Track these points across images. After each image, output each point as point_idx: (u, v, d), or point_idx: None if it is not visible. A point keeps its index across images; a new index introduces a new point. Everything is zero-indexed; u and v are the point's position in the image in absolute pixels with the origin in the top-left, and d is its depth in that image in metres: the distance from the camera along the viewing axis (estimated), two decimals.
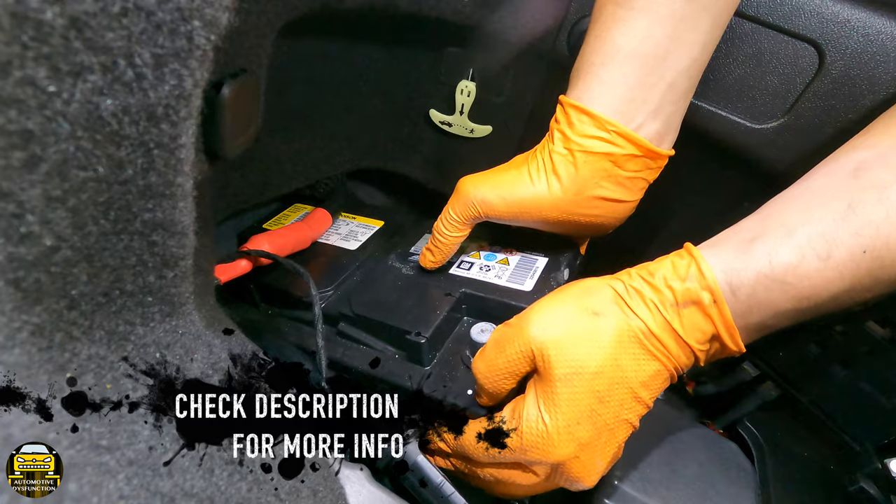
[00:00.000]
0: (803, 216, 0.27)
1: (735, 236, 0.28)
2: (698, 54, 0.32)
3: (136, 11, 0.18)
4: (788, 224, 0.27)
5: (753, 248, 0.27)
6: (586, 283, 0.30)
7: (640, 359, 0.27)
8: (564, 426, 0.27)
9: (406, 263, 0.42)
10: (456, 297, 0.36)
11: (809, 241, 0.26)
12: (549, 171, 0.34)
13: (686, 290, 0.27)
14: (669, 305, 0.27)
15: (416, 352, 0.34)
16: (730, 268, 0.27)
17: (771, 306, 0.27)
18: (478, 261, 0.40)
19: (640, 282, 0.28)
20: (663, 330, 0.27)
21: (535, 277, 0.37)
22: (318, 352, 0.33)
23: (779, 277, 0.26)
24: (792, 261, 0.26)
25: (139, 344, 0.23)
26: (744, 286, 0.27)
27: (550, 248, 0.40)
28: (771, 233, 0.27)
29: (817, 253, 0.26)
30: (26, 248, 0.18)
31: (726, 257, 0.27)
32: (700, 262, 0.27)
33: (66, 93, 0.17)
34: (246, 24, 0.25)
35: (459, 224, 0.37)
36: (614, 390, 0.27)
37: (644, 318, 0.27)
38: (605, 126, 0.32)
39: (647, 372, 0.27)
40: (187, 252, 0.24)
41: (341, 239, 0.46)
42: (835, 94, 0.37)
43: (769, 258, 0.26)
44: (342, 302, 0.39)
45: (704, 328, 0.27)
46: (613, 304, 0.28)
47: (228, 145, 0.25)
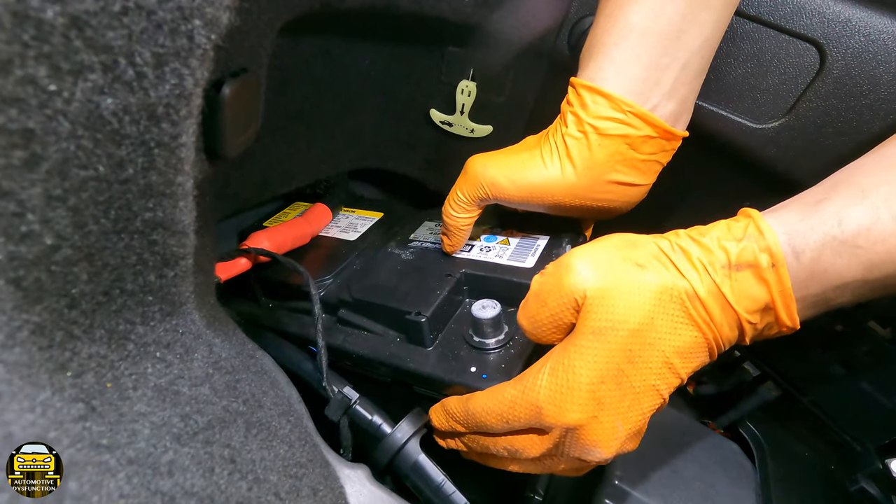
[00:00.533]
0: (878, 177, 0.24)
1: (799, 201, 0.26)
2: (711, 33, 0.31)
3: (137, 10, 0.18)
4: (861, 184, 0.24)
5: (821, 209, 0.24)
6: (629, 236, 0.27)
7: (680, 324, 0.25)
8: (587, 382, 0.25)
9: (405, 250, 0.41)
10: (456, 277, 0.36)
11: (886, 200, 0.23)
12: (562, 155, 0.33)
13: (742, 251, 0.24)
14: (720, 267, 0.25)
15: (417, 332, 0.33)
16: (793, 229, 0.24)
17: (837, 274, 0.24)
18: (478, 243, 0.40)
19: (689, 241, 0.26)
20: (710, 294, 0.25)
21: (536, 255, 0.37)
22: (319, 353, 0.33)
23: (849, 240, 0.23)
24: (864, 221, 0.23)
25: (139, 343, 0.23)
26: (809, 249, 0.24)
27: (551, 229, 0.40)
28: (841, 193, 0.24)
29: (893, 213, 0.23)
30: (27, 246, 0.18)
31: (790, 219, 0.25)
32: (759, 221, 0.25)
33: (66, 92, 0.17)
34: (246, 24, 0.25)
35: (467, 205, 0.36)
36: (647, 352, 0.25)
37: (691, 279, 0.25)
38: (620, 106, 0.31)
39: (685, 340, 0.25)
40: (188, 251, 0.24)
41: (341, 231, 0.47)
42: (836, 93, 0.37)
43: (839, 219, 0.24)
44: (342, 289, 0.38)
45: (758, 296, 0.24)
46: (657, 261, 0.26)
47: (229, 144, 0.25)
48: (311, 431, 0.30)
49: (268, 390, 0.28)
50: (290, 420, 0.28)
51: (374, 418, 0.33)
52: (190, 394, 0.24)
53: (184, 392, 0.24)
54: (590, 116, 0.32)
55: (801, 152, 0.39)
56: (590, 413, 0.25)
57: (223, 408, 0.25)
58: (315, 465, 0.27)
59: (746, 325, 0.25)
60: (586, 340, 0.25)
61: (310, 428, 0.30)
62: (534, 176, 0.34)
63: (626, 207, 0.37)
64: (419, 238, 0.43)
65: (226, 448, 0.23)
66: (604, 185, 0.34)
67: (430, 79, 0.50)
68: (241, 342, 0.30)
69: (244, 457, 0.24)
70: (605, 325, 0.25)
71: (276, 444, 0.26)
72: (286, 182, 0.46)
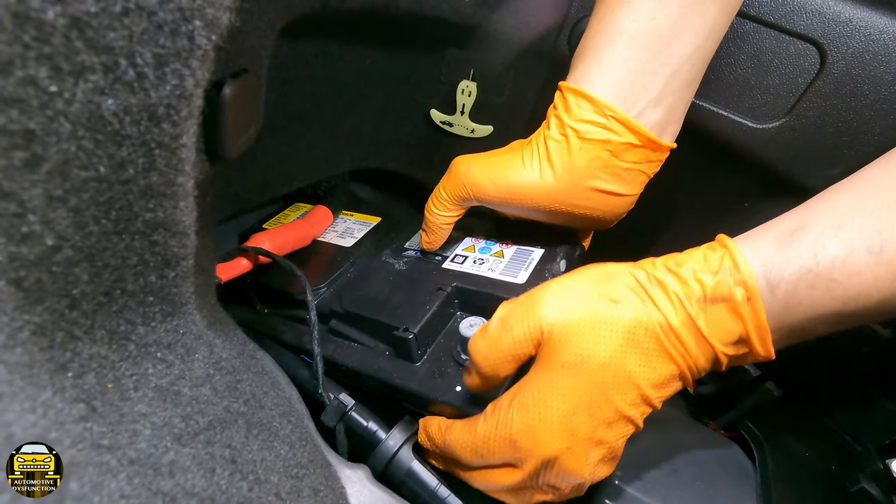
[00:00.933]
0: (854, 205, 0.24)
1: (776, 227, 0.26)
2: (703, 42, 0.31)
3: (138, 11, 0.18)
4: (837, 213, 0.24)
5: (796, 240, 0.24)
6: (606, 268, 0.28)
7: (654, 356, 0.25)
8: (559, 415, 0.26)
9: (399, 259, 0.41)
10: (447, 291, 0.36)
11: (860, 232, 0.23)
12: (542, 158, 0.33)
13: (717, 285, 0.24)
14: (696, 300, 0.25)
15: (404, 347, 0.33)
16: (769, 261, 0.24)
17: (812, 307, 0.24)
18: (472, 254, 0.40)
19: (665, 272, 0.26)
20: (685, 326, 0.25)
21: (529, 270, 0.37)
22: (315, 360, 0.33)
23: (824, 273, 0.23)
24: (839, 254, 0.23)
25: (140, 343, 0.23)
26: (783, 282, 0.24)
27: (548, 240, 0.40)
28: (817, 223, 0.24)
29: (868, 247, 0.23)
30: (28, 247, 0.18)
31: (765, 250, 0.25)
32: (735, 253, 0.25)
33: (67, 93, 0.17)
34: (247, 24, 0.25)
35: (449, 204, 0.37)
36: (619, 384, 0.25)
37: (665, 312, 0.25)
38: (603, 111, 0.31)
39: (660, 371, 0.25)
40: (188, 252, 0.24)
41: (338, 236, 0.47)
42: (836, 94, 0.37)
43: (814, 251, 0.24)
44: (334, 299, 0.38)
45: (732, 328, 0.25)
46: (633, 293, 0.26)
47: (229, 145, 0.25)
48: (312, 432, 0.30)
49: (268, 391, 0.28)
50: (290, 420, 0.28)
51: (369, 424, 0.33)
52: (191, 394, 0.24)
53: (185, 392, 0.24)
54: (572, 119, 0.32)
55: (802, 152, 0.39)
56: (564, 445, 0.26)
57: (224, 408, 0.25)
58: (316, 466, 0.27)
59: (721, 356, 0.25)
60: (556, 374, 0.26)
61: (311, 428, 0.30)
62: (514, 178, 0.34)
63: (613, 217, 0.36)
64: (414, 246, 0.43)
65: (227, 448, 0.23)
66: (584, 192, 0.33)
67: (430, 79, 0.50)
68: (242, 343, 0.30)
69: (245, 457, 0.24)
70: (574, 359, 0.25)
71: (277, 444, 0.26)
72: (287, 183, 0.46)
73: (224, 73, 0.24)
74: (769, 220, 0.27)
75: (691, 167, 0.46)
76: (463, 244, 0.41)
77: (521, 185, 0.33)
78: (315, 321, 0.34)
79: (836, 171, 0.39)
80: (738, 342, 0.25)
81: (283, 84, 0.39)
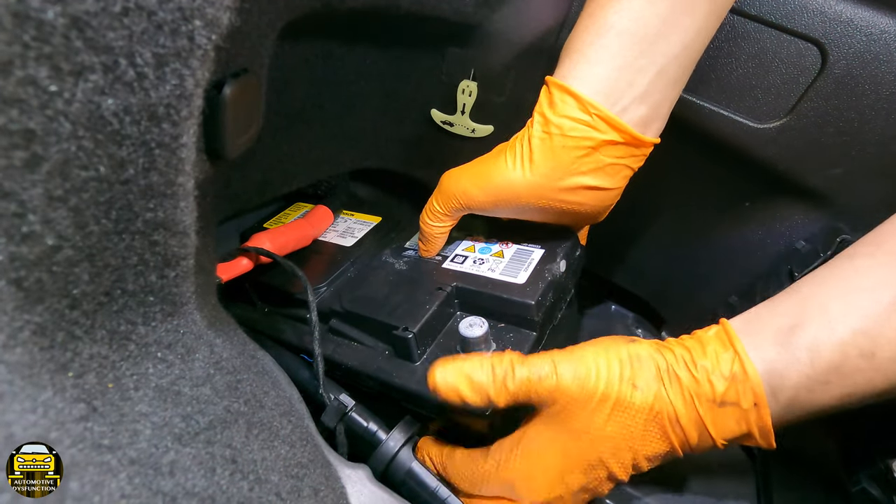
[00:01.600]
0: (845, 306, 0.26)
1: (774, 321, 0.27)
2: (692, 41, 0.31)
3: (138, 11, 0.18)
4: (830, 312, 0.26)
5: (794, 343, 0.26)
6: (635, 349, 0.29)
7: (655, 438, 0.27)
8: (557, 471, 0.28)
9: (400, 259, 0.41)
10: (447, 291, 0.36)
11: (853, 337, 0.25)
12: (525, 157, 0.33)
13: (727, 390, 0.26)
14: (706, 400, 0.27)
15: (404, 347, 0.33)
16: (772, 367, 0.26)
17: (810, 405, 0.26)
18: (472, 254, 0.40)
19: (683, 367, 0.28)
20: (691, 422, 0.27)
21: (529, 270, 0.37)
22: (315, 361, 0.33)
23: (821, 378, 0.25)
24: (834, 360, 0.25)
25: (141, 343, 0.23)
26: (785, 389, 0.26)
27: (548, 240, 0.40)
28: (812, 321, 0.26)
29: (861, 351, 0.25)
30: (28, 247, 0.18)
31: (767, 351, 0.26)
32: (745, 361, 0.26)
33: (67, 92, 0.17)
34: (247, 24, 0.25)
35: (442, 216, 0.38)
36: (618, 455, 0.28)
37: (677, 408, 0.27)
38: (587, 108, 0.31)
39: (657, 449, 0.28)
40: (189, 252, 0.24)
41: (338, 236, 0.47)
42: (837, 93, 0.36)
43: (811, 356, 0.25)
44: (334, 298, 0.38)
45: (737, 429, 0.27)
46: (653, 383, 0.27)
47: (230, 145, 0.25)
48: (313, 432, 0.30)
49: (269, 390, 0.28)
50: (291, 420, 0.28)
51: (369, 425, 0.33)
52: (191, 394, 0.24)
53: (185, 392, 0.24)
54: (556, 116, 0.32)
55: (803, 152, 0.39)
56: (556, 493, 0.29)
57: (224, 408, 0.25)
58: (316, 466, 0.27)
59: (720, 445, 0.28)
60: (562, 435, 0.28)
61: (311, 428, 0.30)
62: (500, 179, 0.34)
63: (601, 211, 0.37)
64: (414, 246, 0.43)
65: (227, 448, 0.23)
66: (570, 188, 0.33)
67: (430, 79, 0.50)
68: (243, 342, 0.30)
69: (245, 457, 0.24)
70: (582, 427, 0.28)
71: (278, 444, 0.26)
72: (287, 182, 0.46)
73: (224, 72, 0.24)
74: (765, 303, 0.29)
75: (692, 166, 0.46)
76: (463, 244, 0.41)
77: (507, 186, 0.34)
78: (316, 321, 0.34)
79: (837, 171, 0.39)
80: (741, 438, 0.27)
81: (283, 84, 0.39)
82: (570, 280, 0.39)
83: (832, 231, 0.40)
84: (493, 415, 0.30)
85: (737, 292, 0.47)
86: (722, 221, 0.47)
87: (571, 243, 0.40)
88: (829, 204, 0.41)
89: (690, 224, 0.49)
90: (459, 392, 0.28)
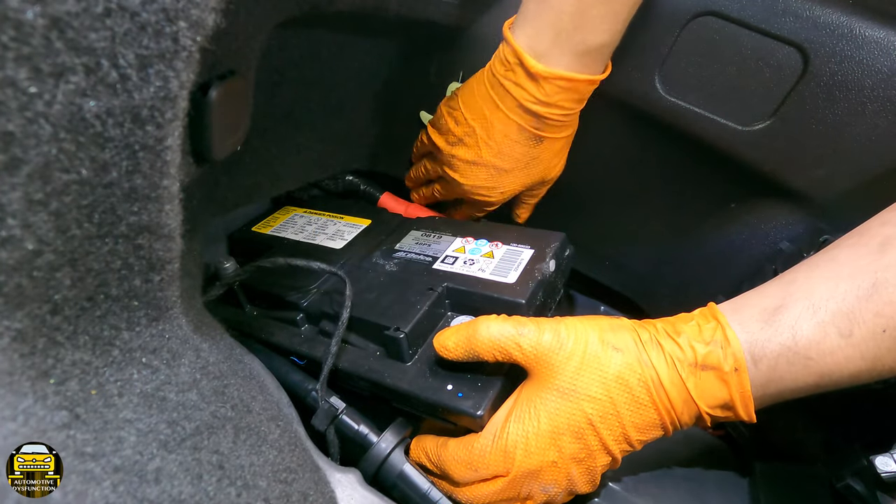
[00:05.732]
0: (827, 290, 0.27)
1: (759, 302, 0.29)
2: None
3: (120, 12, 0.18)
4: (813, 297, 0.27)
5: (777, 320, 0.27)
6: (616, 321, 0.31)
7: (641, 403, 0.28)
8: (549, 431, 0.29)
9: (390, 260, 0.41)
10: (438, 291, 0.36)
11: (833, 318, 0.26)
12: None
13: (708, 353, 0.27)
14: (688, 364, 0.28)
15: (395, 347, 0.33)
16: (754, 338, 0.27)
17: (790, 379, 0.27)
18: (462, 255, 0.40)
19: (665, 336, 0.29)
20: (674, 386, 0.28)
21: (519, 269, 0.37)
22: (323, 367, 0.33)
23: (801, 352, 0.26)
24: (815, 337, 0.26)
25: (125, 349, 0.23)
26: (766, 357, 0.27)
27: (537, 239, 0.40)
28: (795, 304, 0.27)
29: (840, 330, 0.26)
30: (7, 252, 0.17)
31: (750, 325, 0.28)
32: (726, 328, 0.28)
33: (47, 94, 0.17)
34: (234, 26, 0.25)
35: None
36: (607, 420, 0.28)
37: (659, 370, 0.28)
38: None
39: (644, 418, 0.28)
40: (174, 255, 0.23)
41: (328, 238, 0.46)
42: (819, 96, 0.37)
43: (793, 332, 0.27)
44: (324, 300, 0.38)
45: (719, 395, 0.28)
46: (634, 346, 0.29)
47: (216, 148, 0.25)
48: (301, 436, 0.30)
49: (256, 395, 0.28)
50: (279, 425, 0.28)
51: (360, 428, 0.33)
52: (177, 399, 0.24)
53: (171, 398, 0.23)
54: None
55: (786, 154, 0.40)
56: (550, 458, 0.29)
57: (211, 413, 0.24)
58: (305, 470, 0.27)
59: (705, 416, 0.28)
60: (550, 395, 0.29)
61: (300, 432, 0.30)
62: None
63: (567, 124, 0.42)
64: (404, 248, 0.43)
65: (214, 454, 0.23)
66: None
67: (419, 81, 0.50)
68: (229, 346, 0.29)
69: (233, 463, 0.23)
70: (569, 387, 0.28)
71: (266, 449, 0.26)
72: (276, 185, 0.46)
73: (210, 74, 0.24)
74: (753, 289, 0.30)
75: (678, 169, 0.46)
76: (453, 245, 0.42)
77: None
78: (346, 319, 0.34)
79: (820, 172, 0.40)
80: (723, 407, 0.28)
81: (272, 85, 0.39)
82: (559, 280, 0.40)
83: (815, 231, 0.41)
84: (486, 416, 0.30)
85: (723, 292, 0.47)
86: (708, 223, 0.48)
87: (561, 244, 0.40)
88: (812, 205, 0.41)
89: (677, 225, 0.50)
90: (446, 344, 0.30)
